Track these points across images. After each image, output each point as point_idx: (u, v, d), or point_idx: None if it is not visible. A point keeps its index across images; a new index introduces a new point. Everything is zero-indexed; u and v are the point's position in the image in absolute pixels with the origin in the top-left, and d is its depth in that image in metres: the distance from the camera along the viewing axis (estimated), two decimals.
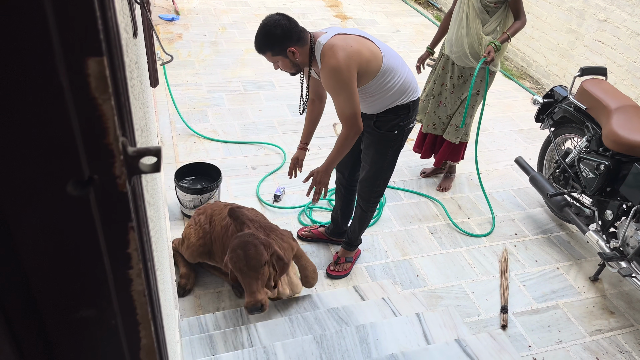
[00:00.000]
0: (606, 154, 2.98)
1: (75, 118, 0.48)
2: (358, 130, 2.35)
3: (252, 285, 2.07)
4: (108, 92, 0.48)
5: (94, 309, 0.61)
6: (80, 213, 0.53)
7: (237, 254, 2.08)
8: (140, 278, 0.62)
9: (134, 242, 0.59)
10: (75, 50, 0.45)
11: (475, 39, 3.20)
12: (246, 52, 5.66)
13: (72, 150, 0.49)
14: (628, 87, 4.54)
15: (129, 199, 0.55)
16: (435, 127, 3.63)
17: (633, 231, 2.77)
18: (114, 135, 0.50)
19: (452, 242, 3.39)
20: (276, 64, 2.36)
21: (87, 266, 0.57)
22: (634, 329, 2.86)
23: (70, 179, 0.51)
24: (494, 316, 2.87)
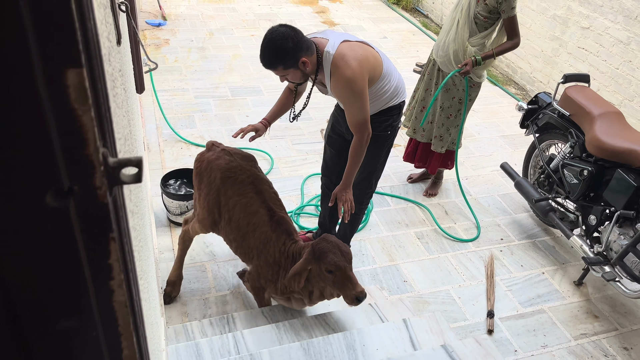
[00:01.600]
0: (589, 159, 3.02)
1: (55, 129, 0.48)
2: (369, 134, 2.38)
3: (352, 277, 2.16)
4: (88, 103, 0.48)
5: (75, 320, 0.61)
6: (60, 224, 0.53)
7: (335, 254, 2.16)
8: (122, 289, 0.62)
9: (115, 253, 0.58)
10: (54, 62, 0.45)
11: (461, 47, 3.22)
12: (234, 58, 5.65)
13: (52, 160, 0.49)
14: (611, 93, 4.61)
15: (109, 210, 0.55)
16: (415, 131, 3.65)
17: (616, 236, 2.81)
18: (94, 146, 0.50)
19: (439, 247, 3.41)
20: (285, 77, 2.30)
21: (68, 277, 0.57)
22: (618, 333, 2.90)
23: (50, 190, 0.51)
24: (480, 321, 2.89)
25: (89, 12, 0.47)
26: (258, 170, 2.48)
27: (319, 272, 2.19)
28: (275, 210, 2.38)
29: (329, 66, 2.26)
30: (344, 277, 2.15)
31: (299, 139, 4.37)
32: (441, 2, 7.01)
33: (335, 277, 2.15)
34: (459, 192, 3.89)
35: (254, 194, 2.37)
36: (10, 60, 0.42)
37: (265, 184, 2.44)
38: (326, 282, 2.19)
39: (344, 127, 2.66)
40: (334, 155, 2.87)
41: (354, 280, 2.15)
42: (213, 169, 2.43)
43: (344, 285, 2.15)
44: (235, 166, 2.41)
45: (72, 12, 0.43)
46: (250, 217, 2.35)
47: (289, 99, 2.65)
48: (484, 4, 3.12)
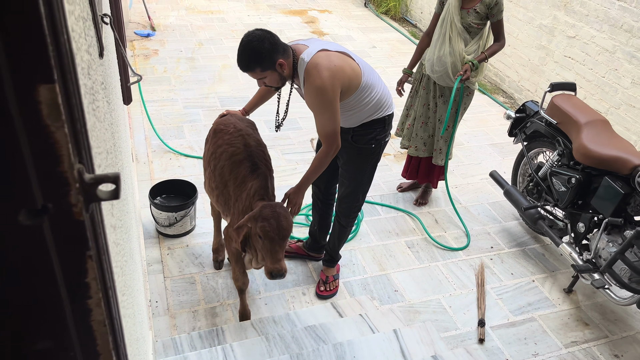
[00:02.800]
0: (577, 167, 3.04)
1: (27, 146, 0.46)
2: (337, 147, 2.37)
3: (277, 253, 2.18)
4: (61, 119, 0.47)
5: (52, 341, 0.59)
6: (33, 243, 0.52)
7: (270, 223, 2.16)
8: (100, 307, 0.60)
9: (93, 271, 0.57)
10: (25, 78, 0.44)
11: (458, 58, 3.24)
12: (223, 68, 5.65)
13: (24, 178, 0.48)
14: (597, 101, 4.65)
15: (85, 228, 0.54)
16: (417, 149, 3.65)
17: (604, 243, 2.82)
18: (69, 162, 0.49)
19: (430, 256, 3.40)
20: (262, 81, 2.32)
21: (43, 297, 0.55)
22: (609, 340, 2.90)
23: (22, 208, 0.49)
24: (471, 330, 2.88)
25: (62, 26, 0.46)
26: (254, 132, 2.58)
27: (255, 233, 2.23)
28: (260, 165, 2.42)
29: (303, 73, 2.27)
30: (270, 248, 2.18)
31: (289, 148, 4.36)
32: (429, 12, 7.07)
33: (264, 244, 2.19)
34: (449, 201, 3.89)
35: (242, 145, 2.45)
36: None
37: (255, 141, 2.50)
38: (258, 244, 2.24)
39: None
40: None
41: (277, 255, 2.18)
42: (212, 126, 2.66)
43: (267, 256, 2.20)
44: (230, 122, 2.56)
45: (42, 26, 0.42)
46: (234, 166, 2.43)
47: (268, 91, 2.67)
48: (475, 13, 3.15)
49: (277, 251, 2.19)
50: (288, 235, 2.21)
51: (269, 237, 2.16)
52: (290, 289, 3.05)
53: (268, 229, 2.15)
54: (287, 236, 2.21)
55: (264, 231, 2.15)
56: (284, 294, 3.00)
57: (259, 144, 2.52)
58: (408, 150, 3.73)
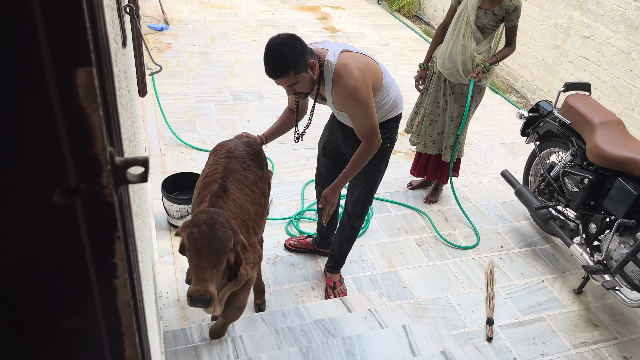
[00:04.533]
0: (590, 168, 3.02)
1: (63, 127, 0.48)
2: (379, 143, 2.35)
3: (205, 271, 1.75)
4: (97, 102, 0.48)
5: (79, 320, 0.61)
6: (66, 222, 0.53)
7: (200, 230, 1.76)
8: (126, 288, 0.62)
9: (120, 252, 0.59)
10: (64, 60, 0.45)
11: (469, 57, 3.25)
12: (235, 63, 5.67)
13: (60, 159, 0.49)
14: (612, 102, 4.62)
15: (115, 209, 0.55)
16: (426, 146, 3.65)
17: (616, 245, 2.81)
18: (102, 145, 0.51)
19: (439, 254, 3.40)
20: (292, 88, 2.18)
21: (72, 276, 0.57)
22: (618, 342, 2.89)
23: (57, 188, 0.51)
24: (479, 328, 2.88)
25: (99, 12, 0.48)
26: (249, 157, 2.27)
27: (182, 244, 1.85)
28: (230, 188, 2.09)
29: (331, 77, 2.22)
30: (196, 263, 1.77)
31: (300, 144, 4.37)
32: (443, 10, 7.04)
33: (190, 258, 1.79)
34: (459, 199, 3.89)
35: (221, 168, 2.17)
36: (21, 58, 0.43)
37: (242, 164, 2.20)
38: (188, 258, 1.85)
39: (341, 139, 2.63)
40: (328, 165, 2.85)
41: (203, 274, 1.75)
42: None
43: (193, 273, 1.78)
44: (229, 144, 2.31)
45: (83, 11, 0.44)
46: (203, 188, 2.16)
47: (290, 119, 2.54)
48: (493, 15, 3.16)
49: (203, 268, 1.74)
50: (221, 250, 1.77)
51: (195, 247, 1.75)
52: (299, 283, 3.07)
53: (196, 236, 1.74)
54: (221, 251, 1.76)
55: (190, 239, 1.76)
56: (293, 288, 3.02)
57: (246, 169, 2.21)
58: (416, 147, 3.73)
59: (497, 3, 3.14)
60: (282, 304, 2.88)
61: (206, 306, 1.74)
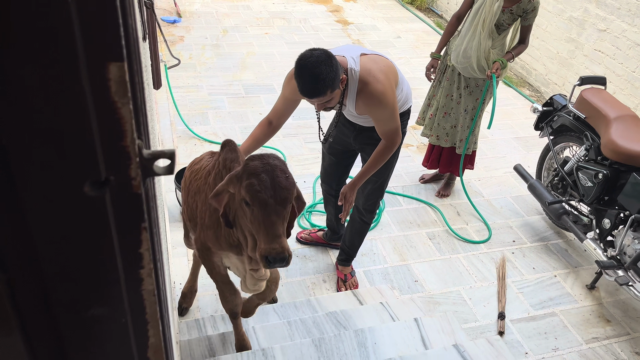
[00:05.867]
0: (605, 163, 3.00)
1: (95, 121, 0.49)
2: (400, 140, 2.37)
3: (275, 226, 1.53)
4: (127, 96, 0.49)
5: (106, 308, 0.63)
6: (96, 213, 0.55)
7: (260, 179, 1.53)
8: (151, 277, 0.64)
9: (146, 242, 0.60)
10: (97, 55, 0.46)
11: (483, 54, 3.23)
12: (247, 56, 5.68)
13: (91, 152, 0.50)
14: (627, 96, 4.57)
15: (142, 200, 0.57)
16: (439, 138, 3.64)
17: (630, 240, 2.79)
18: (131, 137, 0.52)
19: (451, 248, 3.40)
20: (325, 104, 2.11)
21: (101, 265, 0.59)
22: (630, 338, 2.88)
23: (88, 180, 0.52)
24: (491, 322, 2.89)
25: (130, 8, 0.49)
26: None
27: (239, 200, 1.62)
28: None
29: (356, 84, 2.18)
30: (262, 219, 1.54)
31: (312, 137, 4.38)
32: (456, 2, 6.99)
33: (252, 214, 1.56)
34: (472, 193, 3.88)
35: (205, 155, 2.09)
36: (59, 53, 0.44)
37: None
38: (245, 218, 1.62)
39: (351, 137, 2.62)
40: (333, 162, 2.84)
41: (274, 229, 1.53)
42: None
43: (259, 231, 1.55)
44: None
45: (116, 7, 0.45)
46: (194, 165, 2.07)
47: (264, 134, 2.38)
48: (510, 13, 3.17)
49: (273, 222, 1.53)
50: (289, 198, 1.58)
51: (260, 200, 1.53)
52: (311, 275, 3.08)
53: (258, 187, 1.53)
54: (288, 200, 1.57)
55: (252, 192, 1.53)
56: (305, 281, 3.04)
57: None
58: (429, 139, 3.72)
59: (516, 2, 3.12)
60: (294, 296, 2.90)
61: (285, 265, 1.56)
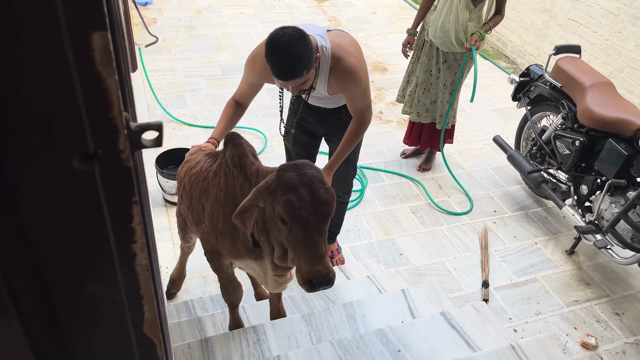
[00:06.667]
0: (581, 130, 3.05)
1: (81, 93, 0.49)
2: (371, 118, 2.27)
3: (318, 245, 1.39)
4: (112, 66, 0.49)
5: (100, 285, 0.63)
6: (85, 187, 0.54)
7: (299, 194, 1.37)
8: (144, 252, 0.64)
9: (138, 216, 0.60)
10: (80, 25, 0.45)
11: (461, 27, 3.24)
12: (223, 36, 5.59)
13: (78, 124, 0.50)
14: (601, 64, 4.63)
15: (132, 174, 0.56)
16: (419, 115, 3.65)
17: (607, 205, 2.86)
18: (118, 109, 0.51)
19: (434, 221, 3.45)
20: (300, 86, 1.99)
21: (93, 241, 0.58)
22: (610, 299, 2.97)
23: (76, 154, 0.52)
24: (475, 291, 2.95)
25: None
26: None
27: (273, 216, 1.46)
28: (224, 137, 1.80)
29: (328, 62, 2.07)
30: (304, 239, 1.39)
31: None
32: None
33: (291, 232, 1.41)
34: (453, 166, 3.92)
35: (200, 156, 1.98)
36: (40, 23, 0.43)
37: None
38: (280, 235, 1.48)
39: (316, 123, 2.49)
40: (301, 155, 2.66)
41: (317, 249, 1.39)
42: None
43: (299, 252, 1.41)
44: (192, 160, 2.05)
45: None
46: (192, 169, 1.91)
47: (237, 114, 2.32)
48: None
49: (315, 242, 1.39)
50: (330, 213, 1.43)
51: (301, 218, 1.38)
52: None
53: (297, 204, 1.37)
54: (330, 214, 1.43)
55: (291, 210, 1.38)
56: None
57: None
58: (410, 116, 3.73)
59: None
60: None
61: (329, 286, 1.43)
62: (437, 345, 1.89)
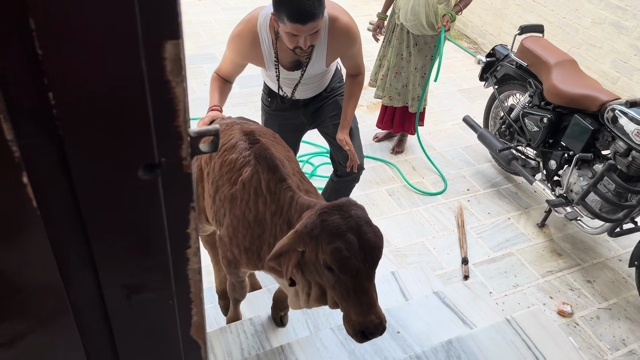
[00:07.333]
0: (548, 107, 3.16)
1: (150, 103, 0.48)
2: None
3: (369, 293, 1.30)
4: (182, 75, 0.48)
5: (154, 290, 0.62)
6: (148, 196, 0.54)
7: (348, 241, 1.27)
8: (197, 256, 0.64)
9: (194, 222, 0.60)
10: (154, 34, 0.45)
11: (431, 9, 3.27)
12: (183, 25, 5.46)
13: (147, 134, 0.49)
14: (559, 42, 4.78)
15: (192, 180, 0.56)
16: (391, 98, 3.69)
17: (576, 178, 2.99)
18: (184, 117, 0.51)
19: (410, 202, 3.52)
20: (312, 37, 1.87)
21: (152, 249, 0.58)
22: (581, 268, 3.12)
23: (142, 163, 0.51)
24: (456, 268, 3.04)
25: None
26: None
27: (314, 261, 1.35)
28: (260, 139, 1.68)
29: (327, 24, 2.01)
30: (354, 289, 1.29)
31: None
32: None
33: (338, 281, 1.31)
34: (425, 147, 3.99)
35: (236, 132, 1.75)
36: (119, 35, 0.43)
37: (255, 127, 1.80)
38: (323, 281, 1.38)
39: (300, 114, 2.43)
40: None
41: (368, 299, 1.30)
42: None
43: (349, 301, 1.31)
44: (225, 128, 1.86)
45: None
46: (227, 154, 1.69)
47: (227, 87, 2.25)
48: None
49: (366, 290, 1.29)
50: (380, 256, 1.34)
51: (351, 267, 1.27)
52: None
53: (347, 253, 1.26)
54: (380, 258, 1.34)
55: (341, 259, 1.26)
56: None
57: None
58: (382, 100, 3.77)
59: None
60: None
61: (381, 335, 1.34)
62: (434, 324, 1.95)
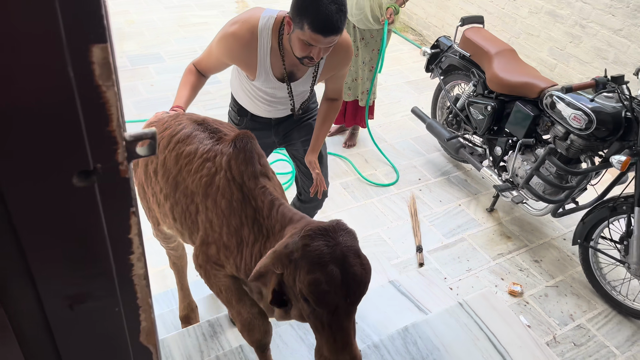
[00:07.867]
0: (491, 96, 3.27)
1: (80, 108, 0.47)
2: None
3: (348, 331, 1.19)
4: (112, 79, 0.48)
5: (98, 299, 0.61)
6: (84, 203, 0.53)
7: (329, 274, 1.15)
8: (141, 262, 0.63)
9: (136, 227, 0.59)
10: (79, 38, 0.44)
11: (376, 3, 3.31)
12: (126, 24, 5.31)
13: (79, 140, 0.48)
14: (499, 32, 4.94)
15: (130, 185, 0.56)
16: None
17: (520, 163, 3.11)
18: (117, 122, 0.50)
19: (364, 194, 3.56)
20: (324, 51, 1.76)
21: (92, 256, 0.57)
22: (529, 248, 3.25)
23: (76, 170, 0.50)
24: (411, 256, 3.11)
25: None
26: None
27: (292, 286, 1.23)
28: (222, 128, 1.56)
29: None
30: (329, 324, 1.19)
31: (212, 103, 4.28)
32: None
33: (314, 313, 1.21)
34: (376, 140, 4.05)
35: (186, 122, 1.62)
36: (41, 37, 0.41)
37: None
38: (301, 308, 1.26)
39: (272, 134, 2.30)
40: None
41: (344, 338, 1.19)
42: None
43: (323, 335, 1.21)
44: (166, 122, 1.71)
45: None
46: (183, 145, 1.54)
47: (200, 83, 2.08)
48: None
49: (343, 328, 1.18)
50: (365, 292, 1.22)
51: (329, 303, 1.16)
52: None
53: (326, 287, 1.14)
54: (364, 294, 1.22)
55: (318, 293, 1.15)
56: None
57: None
58: None
59: None
60: None
61: None
62: (390, 312, 1.99)
